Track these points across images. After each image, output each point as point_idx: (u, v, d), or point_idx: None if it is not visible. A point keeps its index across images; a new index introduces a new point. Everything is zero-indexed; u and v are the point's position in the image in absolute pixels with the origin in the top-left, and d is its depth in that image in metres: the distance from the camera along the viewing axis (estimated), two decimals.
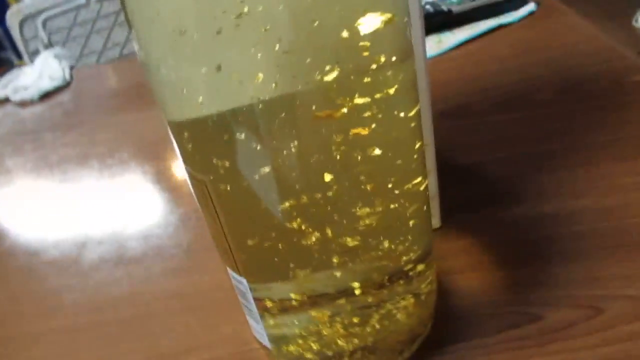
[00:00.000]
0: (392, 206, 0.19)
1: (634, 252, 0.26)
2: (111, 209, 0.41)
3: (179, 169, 0.43)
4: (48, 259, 0.36)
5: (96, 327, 0.30)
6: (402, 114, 0.18)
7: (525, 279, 0.26)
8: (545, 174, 0.33)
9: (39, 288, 0.34)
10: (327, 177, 0.18)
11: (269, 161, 0.17)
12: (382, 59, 0.17)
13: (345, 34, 0.16)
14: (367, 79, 0.17)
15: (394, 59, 0.17)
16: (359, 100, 0.17)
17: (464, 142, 0.38)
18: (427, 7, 0.56)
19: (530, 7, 0.55)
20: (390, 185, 0.19)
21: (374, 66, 0.17)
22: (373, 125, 0.17)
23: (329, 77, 0.16)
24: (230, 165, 0.17)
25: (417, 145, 0.20)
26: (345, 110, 0.17)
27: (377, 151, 0.18)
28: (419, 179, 0.20)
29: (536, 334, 0.23)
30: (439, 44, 0.52)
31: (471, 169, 0.35)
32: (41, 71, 0.68)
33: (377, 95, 0.17)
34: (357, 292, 0.21)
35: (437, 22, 0.55)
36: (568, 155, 0.34)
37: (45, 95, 0.66)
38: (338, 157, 0.17)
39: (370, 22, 0.16)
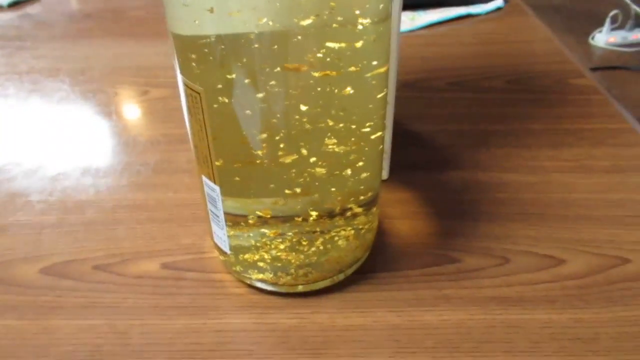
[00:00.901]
0: (354, 146, 0.23)
1: (544, 219, 0.31)
2: (81, 124, 0.42)
3: (150, 93, 0.45)
4: (16, 161, 0.38)
5: (62, 225, 0.32)
6: (374, 63, 0.21)
7: (451, 230, 0.31)
8: (483, 148, 0.37)
9: (7, 186, 0.35)
10: (303, 107, 0.21)
11: (255, 86, 0.20)
12: (367, 17, 0.20)
13: None
14: (353, 29, 0.20)
15: (376, 18, 0.20)
16: (341, 45, 0.20)
17: (418, 112, 0.42)
18: None
19: (499, 2, 0.60)
20: (354, 126, 0.22)
21: (360, 20, 0.20)
22: (352, 69, 0.21)
23: (313, 22, 0.19)
24: (224, 82, 0.20)
25: (381, 94, 0.23)
26: (321, 55, 0.20)
27: (350, 90, 0.21)
28: (379, 125, 0.24)
29: (452, 272, 0.28)
30: (412, 20, 0.56)
31: (421, 136, 0.39)
32: None
33: (358, 44, 0.20)
34: (309, 218, 0.24)
35: (414, 1, 0.59)
36: (506, 137, 0.39)
37: (15, 4, 0.64)
38: (316, 91, 0.20)
39: None
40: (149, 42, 0.56)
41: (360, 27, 0.20)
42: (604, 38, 1.60)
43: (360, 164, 0.24)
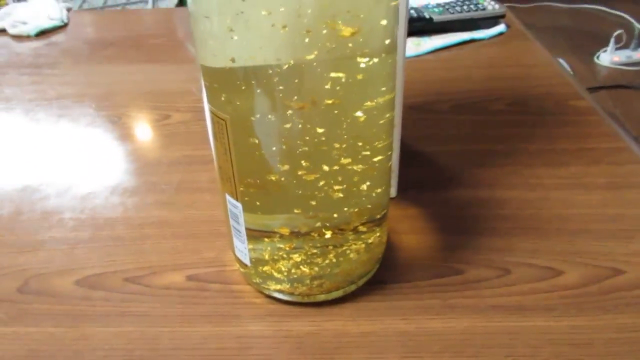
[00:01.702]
0: (364, 166, 0.25)
1: (542, 234, 0.33)
2: (107, 146, 0.45)
3: (173, 117, 0.48)
4: (48, 181, 0.40)
5: (94, 241, 0.34)
6: (383, 89, 0.24)
7: (456, 244, 0.33)
8: (486, 167, 0.40)
9: (41, 205, 0.38)
10: (319, 132, 0.23)
11: (275, 115, 0.22)
12: (374, 50, 0.23)
13: (347, 30, 0.21)
14: (362, 62, 0.22)
15: (383, 54, 0.23)
16: (352, 77, 0.22)
17: (424, 133, 0.44)
18: (412, 12, 0.62)
19: (501, 27, 0.62)
20: (365, 148, 0.25)
21: (367, 53, 0.22)
22: (362, 97, 0.23)
23: (325, 58, 0.21)
24: (247, 110, 0.23)
25: (388, 118, 0.26)
26: (333, 86, 0.22)
27: (361, 116, 0.24)
28: (387, 146, 0.26)
29: (457, 283, 0.30)
30: (417, 46, 0.58)
31: (427, 156, 0.42)
32: (39, 9, 0.70)
33: (368, 76, 0.23)
34: (323, 233, 0.26)
35: (418, 27, 0.61)
36: (507, 156, 0.41)
37: (42, 33, 0.68)
38: (330, 118, 0.23)
39: (369, 23, 0.22)
40: (169, 68, 0.59)
41: (370, 61, 0.23)
42: (608, 57, 1.63)
43: (370, 183, 0.26)
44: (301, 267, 0.27)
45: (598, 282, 0.30)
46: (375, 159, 0.26)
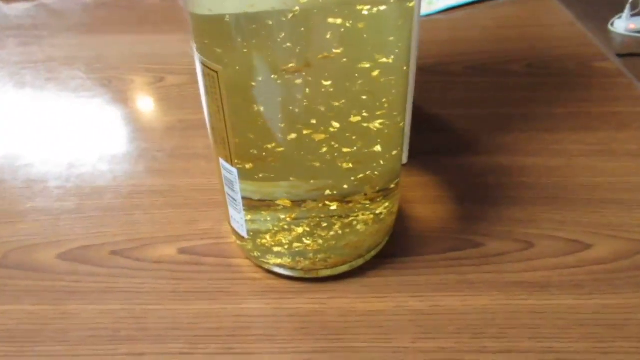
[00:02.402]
0: (374, 126, 0.22)
1: (568, 204, 0.30)
2: (96, 111, 0.42)
3: (166, 79, 0.45)
4: (33, 148, 0.38)
5: (80, 210, 0.32)
6: (394, 38, 0.21)
7: (473, 214, 0.30)
8: (505, 132, 0.37)
9: (25, 172, 0.35)
10: (324, 87, 0.20)
11: (275, 65, 0.19)
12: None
13: None
14: (375, 9, 0.19)
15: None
16: (365, 27, 0.19)
17: (437, 96, 0.41)
18: None
19: None
20: (375, 107, 0.22)
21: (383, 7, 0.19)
22: (374, 51, 0.20)
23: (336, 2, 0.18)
24: (243, 62, 0.20)
25: (402, 77, 0.23)
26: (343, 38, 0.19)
27: (372, 73, 0.20)
28: (400, 108, 0.23)
29: (475, 257, 0.27)
30: (430, 5, 0.55)
31: (440, 120, 0.38)
32: None
33: (380, 27, 0.20)
34: (329, 203, 0.24)
35: None
36: (528, 121, 0.38)
37: None
38: (337, 71, 0.20)
39: None
40: (164, 30, 0.55)
41: (383, 8, 0.19)
42: (623, 25, 1.56)
43: (382, 145, 0.23)
44: (304, 239, 0.25)
45: (631, 257, 0.27)
46: (386, 119, 0.23)
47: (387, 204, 0.26)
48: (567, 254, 0.27)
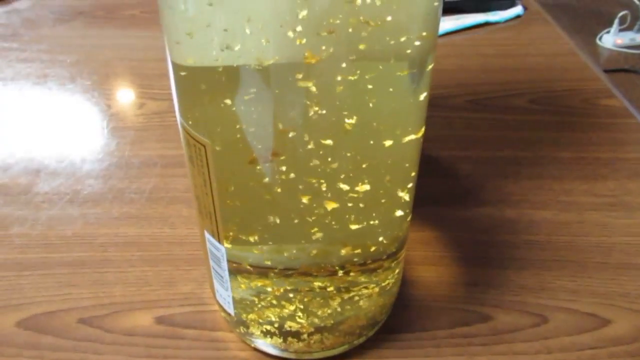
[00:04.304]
0: (377, 181, 0.19)
1: (582, 269, 0.28)
2: (69, 140, 0.38)
3: (147, 106, 0.42)
4: None
5: (45, 266, 0.28)
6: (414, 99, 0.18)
7: (480, 279, 0.27)
8: (510, 179, 0.34)
9: None
10: (328, 142, 0.17)
11: (270, 133, 0.17)
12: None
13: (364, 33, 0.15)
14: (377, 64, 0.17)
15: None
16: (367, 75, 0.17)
17: (438, 134, 0.39)
18: None
19: (518, 9, 0.56)
20: (382, 184, 0.19)
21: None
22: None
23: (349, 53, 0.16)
24: (236, 136, 0.17)
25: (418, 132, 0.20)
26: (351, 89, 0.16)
27: (385, 140, 0.18)
28: (412, 177, 0.21)
29: (484, 334, 0.25)
30: None
31: (441, 161, 0.36)
32: None
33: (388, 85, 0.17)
34: (326, 274, 0.21)
35: None
36: (534, 166, 0.35)
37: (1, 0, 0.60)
38: (336, 127, 0.17)
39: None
40: (144, 44, 0.52)
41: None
42: (611, 39, 1.57)
43: (385, 200, 0.20)
44: (297, 318, 0.22)
45: None
46: (394, 188, 0.20)
47: (392, 273, 0.23)
48: (584, 332, 0.25)
